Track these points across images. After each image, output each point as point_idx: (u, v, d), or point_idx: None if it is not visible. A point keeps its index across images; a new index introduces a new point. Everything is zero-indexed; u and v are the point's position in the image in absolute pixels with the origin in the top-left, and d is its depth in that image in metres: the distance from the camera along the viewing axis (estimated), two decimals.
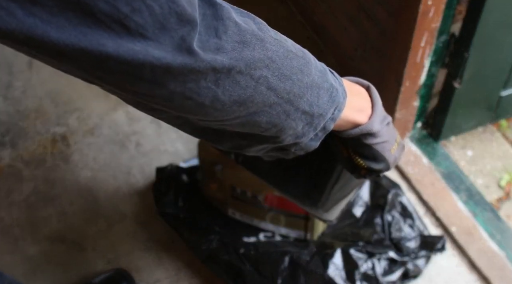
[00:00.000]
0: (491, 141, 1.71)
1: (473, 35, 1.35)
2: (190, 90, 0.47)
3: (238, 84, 0.49)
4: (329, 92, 0.57)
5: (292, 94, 0.53)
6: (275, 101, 0.53)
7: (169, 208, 1.46)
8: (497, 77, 1.53)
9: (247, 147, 0.60)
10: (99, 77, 0.47)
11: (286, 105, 0.53)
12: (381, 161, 0.68)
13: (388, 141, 0.68)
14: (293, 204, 1.32)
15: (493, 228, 1.50)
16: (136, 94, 0.48)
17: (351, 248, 1.35)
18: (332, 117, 0.59)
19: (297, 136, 0.58)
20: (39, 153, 1.65)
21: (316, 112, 0.56)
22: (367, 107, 0.65)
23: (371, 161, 0.68)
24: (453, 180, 1.58)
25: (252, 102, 0.51)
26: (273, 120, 0.54)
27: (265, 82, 0.51)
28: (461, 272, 1.42)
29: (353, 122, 0.64)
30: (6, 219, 1.54)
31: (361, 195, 1.47)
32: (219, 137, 0.59)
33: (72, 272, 1.44)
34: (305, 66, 0.54)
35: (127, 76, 0.46)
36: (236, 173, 1.34)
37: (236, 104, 0.50)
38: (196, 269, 1.44)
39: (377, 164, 0.68)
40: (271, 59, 0.50)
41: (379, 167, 0.69)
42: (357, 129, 0.64)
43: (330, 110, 0.58)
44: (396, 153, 0.70)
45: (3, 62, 1.85)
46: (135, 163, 1.63)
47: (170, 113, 0.54)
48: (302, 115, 0.56)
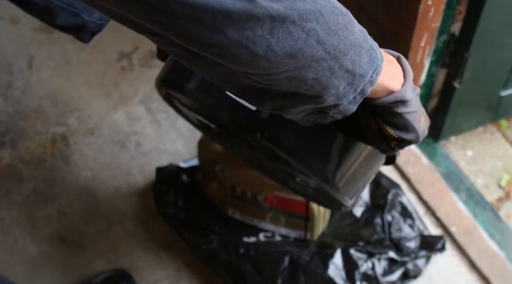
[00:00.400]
0: (491, 141, 1.71)
1: (473, 35, 1.35)
2: (247, 39, 0.50)
3: (290, 35, 0.51)
4: (369, 53, 0.59)
5: (338, 50, 0.55)
6: (323, 56, 0.54)
7: (169, 208, 1.46)
8: (497, 77, 1.53)
9: (289, 107, 0.61)
10: (160, 22, 0.49)
11: (332, 61, 0.55)
12: (412, 131, 0.69)
13: (417, 112, 0.69)
14: (293, 204, 1.32)
15: (493, 228, 1.50)
16: (194, 43, 0.50)
17: (351, 248, 1.35)
18: (371, 80, 0.60)
19: (338, 97, 0.59)
20: (39, 153, 1.65)
21: (357, 72, 0.58)
22: (399, 75, 0.67)
23: (402, 131, 0.69)
24: (453, 180, 1.58)
25: (302, 55, 0.53)
26: (319, 76, 0.56)
27: (315, 35, 0.53)
28: (461, 272, 1.42)
29: (387, 88, 0.65)
30: (6, 219, 1.54)
31: (361, 195, 1.47)
32: (262, 96, 0.60)
33: (72, 272, 1.44)
34: (349, 24, 0.56)
35: (188, 20, 0.47)
36: (236, 173, 1.34)
37: (288, 56, 0.52)
38: (196, 269, 1.43)
39: (408, 134, 0.69)
40: (320, 12, 0.52)
41: (409, 138, 0.70)
42: (391, 96, 0.65)
43: (369, 72, 0.59)
44: (424, 126, 0.72)
45: (3, 62, 1.85)
46: (135, 163, 1.63)
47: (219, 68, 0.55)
48: (345, 74, 0.57)
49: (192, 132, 1.68)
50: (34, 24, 1.95)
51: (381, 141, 0.71)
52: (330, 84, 0.57)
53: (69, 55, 1.87)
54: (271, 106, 0.61)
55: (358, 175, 0.79)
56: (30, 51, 1.88)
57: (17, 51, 1.88)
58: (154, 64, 1.84)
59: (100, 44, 1.89)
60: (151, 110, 1.73)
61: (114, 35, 1.91)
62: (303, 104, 0.60)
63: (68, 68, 1.84)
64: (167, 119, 1.71)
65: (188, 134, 1.68)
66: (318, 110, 0.62)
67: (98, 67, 1.84)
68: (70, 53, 1.88)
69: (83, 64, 1.85)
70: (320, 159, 0.73)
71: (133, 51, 1.87)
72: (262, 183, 1.30)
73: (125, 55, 1.86)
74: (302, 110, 0.62)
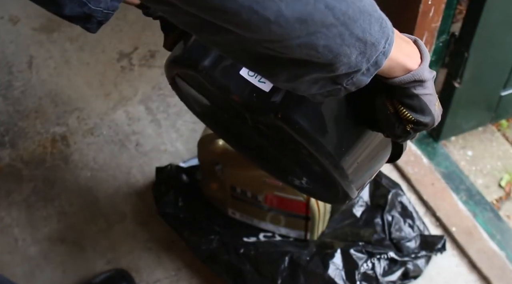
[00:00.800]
0: (491, 141, 1.71)
1: (473, 35, 1.35)
2: (257, 3, 0.51)
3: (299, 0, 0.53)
4: (379, 21, 0.59)
5: (347, 16, 0.56)
6: (332, 22, 0.55)
7: (169, 208, 1.46)
8: (497, 77, 1.53)
9: (301, 77, 0.61)
10: None
11: (341, 28, 0.56)
12: (428, 114, 0.69)
13: (433, 95, 0.69)
14: (293, 204, 1.32)
15: (493, 228, 1.50)
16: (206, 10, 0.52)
17: (351, 248, 1.35)
18: (384, 51, 0.60)
19: (351, 66, 0.59)
20: (39, 153, 1.65)
21: (368, 40, 0.58)
22: (416, 54, 0.67)
23: (419, 114, 0.69)
24: (453, 180, 1.58)
25: (312, 20, 0.54)
26: (330, 43, 0.56)
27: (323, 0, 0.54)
28: (461, 272, 1.42)
29: (404, 66, 0.65)
30: (6, 219, 1.54)
31: (361, 195, 1.47)
32: (275, 66, 0.61)
33: (72, 272, 1.44)
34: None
35: None
36: (236, 173, 1.34)
37: (298, 22, 0.53)
38: (196, 269, 1.43)
39: (424, 117, 0.69)
40: None
41: (426, 121, 0.69)
42: (409, 75, 0.66)
43: (381, 41, 0.59)
44: (438, 111, 0.72)
45: (3, 62, 1.85)
46: (135, 163, 1.63)
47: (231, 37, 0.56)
48: (356, 42, 0.58)
49: (192, 132, 1.68)
50: (34, 24, 1.95)
51: (397, 125, 0.70)
52: (341, 52, 0.57)
53: (69, 55, 1.87)
54: (284, 77, 0.61)
55: (365, 166, 0.80)
56: (30, 51, 1.88)
57: (17, 51, 1.88)
58: (154, 64, 1.84)
59: (100, 44, 1.89)
60: (151, 110, 1.73)
61: (114, 35, 1.91)
62: (316, 72, 0.60)
63: (68, 68, 1.84)
64: (167, 119, 1.71)
65: (188, 134, 1.68)
66: (332, 80, 0.61)
67: (98, 67, 1.84)
68: (70, 53, 1.88)
69: (83, 64, 1.85)
70: (332, 142, 0.73)
71: (133, 51, 1.87)
72: (262, 183, 1.30)
73: (125, 55, 1.86)
74: (315, 80, 0.61)
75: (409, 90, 0.67)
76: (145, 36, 1.90)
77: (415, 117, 0.69)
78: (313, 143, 0.72)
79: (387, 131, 0.73)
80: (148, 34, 1.90)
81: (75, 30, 1.93)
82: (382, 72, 0.64)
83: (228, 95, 0.74)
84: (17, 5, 2.00)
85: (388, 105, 0.70)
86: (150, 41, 1.89)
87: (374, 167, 0.83)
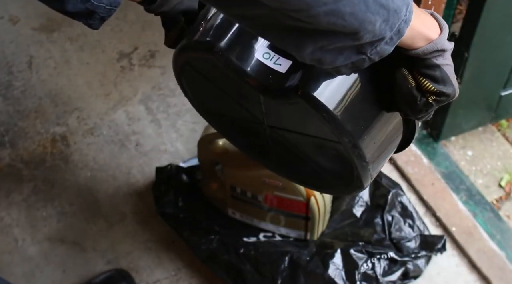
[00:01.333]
0: (491, 141, 1.71)
1: (473, 35, 1.35)
2: None
3: None
4: None
5: None
6: None
7: (169, 208, 1.46)
8: (497, 77, 1.53)
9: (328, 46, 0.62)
10: None
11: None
12: (450, 84, 0.70)
13: (452, 66, 0.70)
14: (293, 204, 1.32)
15: (493, 228, 1.50)
16: None
17: (351, 248, 1.35)
18: (405, 19, 0.62)
19: (375, 34, 0.61)
20: (38, 153, 1.65)
21: (391, 6, 0.60)
22: (435, 25, 0.69)
23: (440, 84, 0.69)
24: (453, 180, 1.58)
25: None
26: (355, 11, 0.58)
27: None
28: (461, 272, 1.42)
29: (425, 35, 0.67)
30: (6, 219, 1.54)
31: (361, 195, 1.47)
32: (302, 38, 0.62)
33: (72, 272, 1.44)
34: None
35: None
36: (236, 173, 1.34)
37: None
38: (196, 269, 1.43)
39: (446, 88, 0.70)
40: None
41: (448, 91, 0.70)
42: (431, 44, 0.67)
43: (403, 9, 0.61)
44: (456, 84, 0.72)
45: (3, 62, 1.85)
46: (135, 163, 1.63)
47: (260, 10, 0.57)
48: (379, 9, 0.59)
49: (192, 132, 1.68)
50: (34, 24, 1.95)
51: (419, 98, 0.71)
52: (366, 19, 0.58)
53: (69, 55, 1.87)
54: (310, 49, 0.62)
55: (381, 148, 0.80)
56: (30, 51, 1.88)
57: (17, 51, 1.88)
58: (154, 64, 1.84)
59: (100, 44, 1.89)
60: (151, 110, 1.73)
61: (114, 35, 1.91)
62: (341, 42, 0.61)
63: (68, 68, 1.84)
64: (167, 119, 1.71)
65: (188, 134, 1.68)
66: (357, 50, 0.62)
67: (98, 67, 1.84)
68: (70, 53, 1.88)
69: (83, 64, 1.85)
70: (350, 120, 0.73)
71: (133, 51, 1.87)
72: (262, 183, 1.30)
73: (125, 55, 1.86)
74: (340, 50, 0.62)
75: (430, 60, 0.68)
76: (145, 36, 1.90)
77: (438, 88, 0.69)
78: (332, 120, 0.72)
79: (408, 107, 0.73)
80: (148, 34, 1.90)
81: (75, 30, 1.93)
82: (404, 43, 0.66)
83: (243, 78, 0.74)
84: (17, 5, 2.00)
85: (409, 78, 0.70)
86: (150, 41, 1.89)
87: (388, 153, 0.83)
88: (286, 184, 1.28)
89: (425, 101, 0.70)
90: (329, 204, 1.36)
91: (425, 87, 0.69)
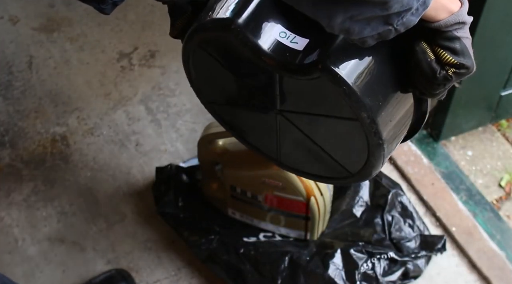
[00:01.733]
0: (491, 141, 1.71)
1: (473, 35, 1.34)
2: None
3: None
4: None
5: None
6: None
7: (169, 208, 1.46)
8: (497, 77, 1.53)
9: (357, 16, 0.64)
10: None
11: None
12: (469, 57, 0.72)
13: (470, 39, 0.72)
14: (293, 204, 1.32)
15: (493, 228, 1.50)
16: None
17: (351, 248, 1.35)
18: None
19: (403, 5, 0.63)
20: (38, 153, 1.65)
21: None
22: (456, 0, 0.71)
23: (460, 56, 0.71)
24: (453, 180, 1.58)
25: None
26: None
27: None
28: (461, 272, 1.42)
29: (447, 7, 0.69)
30: (6, 219, 1.54)
31: (361, 195, 1.47)
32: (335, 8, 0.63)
33: (72, 272, 1.44)
34: None
35: None
36: (236, 173, 1.34)
37: None
38: (196, 269, 1.43)
39: (466, 60, 0.72)
40: None
41: (468, 63, 0.72)
42: (453, 16, 0.69)
43: None
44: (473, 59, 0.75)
45: (3, 62, 1.85)
46: (135, 163, 1.63)
47: None
48: None
49: (192, 132, 1.68)
50: (34, 24, 1.95)
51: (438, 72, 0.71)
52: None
53: (69, 55, 1.87)
54: (341, 19, 0.63)
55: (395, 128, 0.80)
56: (30, 51, 1.88)
57: (17, 51, 1.88)
58: (154, 64, 1.84)
59: (100, 44, 1.89)
60: (151, 110, 1.73)
61: (114, 35, 1.91)
62: (371, 12, 0.62)
63: (68, 68, 1.84)
64: (167, 119, 1.72)
65: (188, 134, 1.68)
66: (384, 20, 0.64)
67: (98, 67, 1.84)
68: (70, 53, 1.88)
69: (83, 64, 1.85)
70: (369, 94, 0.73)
71: (133, 51, 1.87)
72: (262, 183, 1.30)
73: (125, 55, 1.86)
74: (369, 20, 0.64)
75: (451, 33, 0.70)
76: (145, 36, 1.90)
77: (458, 60, 0.71)
78: (352, 94, 0.72)
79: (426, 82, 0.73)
80: (148, 34, 1.90)
81: (75, 30, 1.93)
82: (428, 15, 0.67)
83: (260, 56, 0.74)
84: (17, 5, 2.00)
85: (429, 52, 0.71)
86: (150, 41, 1.89)
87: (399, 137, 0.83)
88: (286, 184, 1.28)
89: (444, 73, 0.71)
90: (329, 204, 1.36)
91: (445, 59, 0.71)
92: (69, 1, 2.01)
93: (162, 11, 1.97)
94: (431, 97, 0.78)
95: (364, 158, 0.81)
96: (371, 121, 0.74)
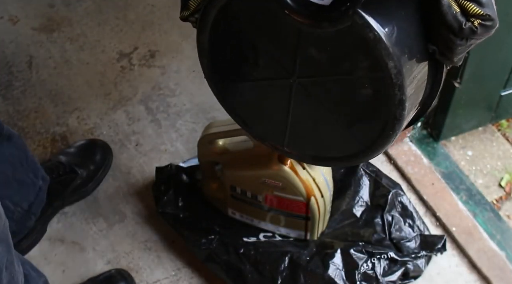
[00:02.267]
0: (491, 141, 1.71)
1: None
2: None
3: None
4: None
5: None
6: None
7: (169, 208, 1.46)
8: (497, 77, 1.53)
9: None
10: None
11: None
12: (493, 8, 0.74)
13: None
14: (293, 204, 1.32)
15: (493, 228, 1.50)
16: None
17: (351, 248, 1.35)
18: None
19: None
20: (38, 153, 1.65)
21: None
22: None
23: (485, 7, 0.73)
24: (453, 180, 1.58)
25: None
26: None
27: None
28: (461, 272, 1.42)
29: None
30: None
31: (361, 195, 1.47)
32: None
33: (72, 272, 1.44)
34: None
35: None
36: (236, 173, 1.34)
37: None
38: (196, 269, 1.43)
39: (491, 11, 0.73)
40: None
41: (493, 15, 0.74)
42: None
43: None
44: None
45: (3, 62, 1.85)
46: (134, 163, 1.63)
47: None
48: None
49: (192, 132, 1.68)
50: (34, 24, 1.95)
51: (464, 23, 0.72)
52: None
53: (69, 55, 1.87)
54: None
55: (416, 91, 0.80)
56: (30, 51, 1.88)
57: (17, 51, 1.88)
58: (154, 64, 1.84)
59: (100, 44, 1.89)
60: (151, 110, 1.73)
61: (114, 35, 1.91)
62: None
63: (68, 68, 1.84)
64: (167, 119, 1.72)
65: (188, 134, 1.68)
66: None
67: (98, 67, 1.84)
68: (70, 53, 1.88)
69: (83, 64, 1.85)
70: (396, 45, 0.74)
71: (133, 51, 1.87)
72: (262, 183, 1.30)
73: (125, 55, 1.86)
74: None
75: None
76: (145, 36, 1.90)
77: (483, 10, 0.72)
78: (381, 41, 0.72)
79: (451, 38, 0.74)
80: (148, 34, 1.90)
81: (75, 30, 1.93)
82: None
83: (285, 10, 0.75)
84: (17, 5, 2.00)
85: (454, 5, 0.72)
86: (150, 41, 1.89)
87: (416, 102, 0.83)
88: (286, 184, 1.28)
89: (470, 25, 0.73)
90: (329, 204, 1.36)
91: (471, 11, 0.72)
92: (69, 1, 2.01)
93: (162, 11, 1.97)
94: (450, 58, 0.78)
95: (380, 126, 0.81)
96: (398, 72, 0.74)
